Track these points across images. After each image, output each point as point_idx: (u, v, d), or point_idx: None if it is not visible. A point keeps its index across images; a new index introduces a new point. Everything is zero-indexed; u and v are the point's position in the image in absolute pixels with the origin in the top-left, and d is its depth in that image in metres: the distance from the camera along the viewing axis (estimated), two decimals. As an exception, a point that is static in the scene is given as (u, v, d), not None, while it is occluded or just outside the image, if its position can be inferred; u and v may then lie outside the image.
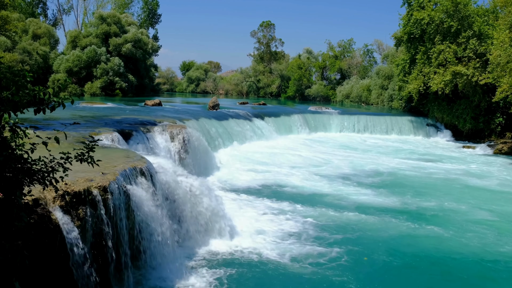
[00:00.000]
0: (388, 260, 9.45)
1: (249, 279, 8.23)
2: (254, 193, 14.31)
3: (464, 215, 12.81)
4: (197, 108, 32.14)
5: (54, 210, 5.91)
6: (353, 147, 26.70)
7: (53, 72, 45.99)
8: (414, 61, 33.25)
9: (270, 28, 74.86)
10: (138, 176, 8.28)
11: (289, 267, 8.75)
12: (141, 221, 7.76)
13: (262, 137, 25.78)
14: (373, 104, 51.28)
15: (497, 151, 26.51)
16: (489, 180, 18.27)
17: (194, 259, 8.94)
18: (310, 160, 20.77)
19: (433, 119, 34.11)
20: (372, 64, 62.15)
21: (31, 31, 49.45)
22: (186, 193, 9.75)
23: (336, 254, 9.47)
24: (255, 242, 9.93)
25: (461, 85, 29.08)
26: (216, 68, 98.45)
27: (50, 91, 4.35)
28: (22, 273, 4.33)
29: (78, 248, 6.02)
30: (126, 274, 7.20)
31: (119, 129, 14.01)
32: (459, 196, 15.23)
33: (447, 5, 29.30)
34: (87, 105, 27.33)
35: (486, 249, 10.27)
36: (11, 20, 36.71)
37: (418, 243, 10.43)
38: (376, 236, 10.79)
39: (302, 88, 65.81)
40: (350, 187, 15.74)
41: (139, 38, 49.78)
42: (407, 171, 19.40)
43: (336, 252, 9.56)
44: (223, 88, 79.50)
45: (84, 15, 65.46)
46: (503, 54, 23.86)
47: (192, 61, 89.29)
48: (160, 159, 11.06)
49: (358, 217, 12.20)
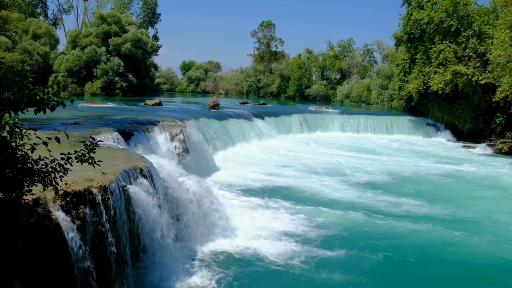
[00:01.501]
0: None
1: (249, 278, 8.23)
2: (254, 193, 14.30)
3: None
4: (197, 108, 32.16)
5: (55, 210, 5.92)
6: (351, 146, 26.69)
7: (53, 72, 45.99)
8: (414, 61, 33.24)
9: (270, 28, 74.89)
10: (138, 176, 8.28)
11: (290, 267, 8.75)
12: (142, 221, 7.76)
13: (262, 137, 25.78)
14: (373, 104, 51.28)
15: (497, 150, 26.51)
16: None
17: (194, 258, 8.95)
18: (309, 160, 20.77)
19: (433, 119, 34.10)
20: (372, 64, 62.20)
21: (31, 31, 49.45)
22: (186, 192, 9.75)
23: (335, 254, 9.49)
24: (256, 241, 9.92)
25: (461, 85, 29.07)
26: (216, 68, 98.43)
27: (49, 90, 4.35)
28: (23, 272, 4.33)
29: (78, 247, 6.02)
30: (127, 274, 7.20)
31: (119, 129, 14.01)
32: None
33: (446, 4, 29.28)
34: (87, 105, 27.32)
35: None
36: (11, 20, 36.72)
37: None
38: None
39: (302, 88, 65.81)
40: (336, 184, 15.78)
41: (139, 38, 49.78)
42: (421, 172, 19.31)
43: (334, 252, 9.58)
44: (223, 88, 79.49)
45: (85, 15, 65.56)
46: (503, 53, 23.85)
47: (192, 61, 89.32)
48: (160, 159, 11.07)
49: (348, 215, 12.23)
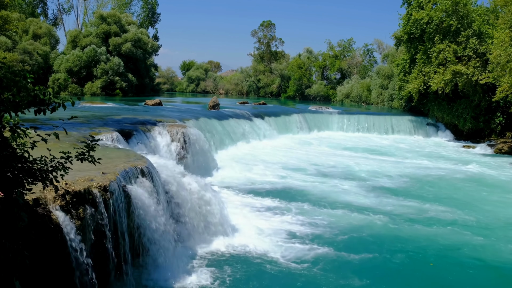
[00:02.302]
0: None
1: (250, 278, 8.23)
2: (254, 192, 14.30)
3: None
4: (197, 107, 32.16)
5: (55, 209, 5.92)
6: (351, 146, 26.68)
7: (54, 72, 46.01)
8: (414, 61, 33.23)
9: (270, 27, 74.90)
10: (138, 175, 8.28)
11: (291, 267, 8.74)
12: (142, 221, 7.76)
13: (262, 137, 25.79)
14: (373, 104, 51.26)
15: (497, 150, 26.51)
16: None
17: (195, 258, 8.95)
18: (308, 160, 20.77)
19: (433, 119, 34.08)
20: (372, 64, 62.19)
21: (31, 31, 49.44)
22: (187, 192, 9.75)
23: (335, 254, 9.50)
24: (256, 241, 9.91)
25: (461, 85, 29.06)
26: (216, 67, 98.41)
27: (50, 91, 4.35)
28: (23, 272, 4.33)
29: (78, 247, 6.02)
30: (127, 273, 7.21)
31: (119, 129, 14.01)
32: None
33: (446, 4, 29.29)
34: (87, 104, 27.33)
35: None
36: (11, 20, 36.73)
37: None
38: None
39: (302, 87, 65.81)
40: (334, 182, 15.79)
41: (139, 38, 49.76)
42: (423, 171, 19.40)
43: (332, 251, 9.59)
44: (223, 88, 79.48)
45: (85, 15, 65.57)
46: (503, 53, 23.85)
47: (192, 61, 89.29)
48: (161, 158, 11.08)
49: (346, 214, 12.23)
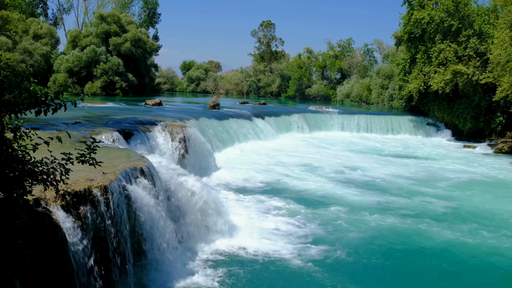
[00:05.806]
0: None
1: (250, 278, 8.24)
2: (255, 192, 14.31)
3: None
4: (198, 107, 32.17)
5: (55, 209, 5.93)
6: (351, 146, 26.69)
7: (54, 72, 46.01)
8: (414, 61, 33.23)
9: (270, 27, 74.94)
10: (138, 175, 8.29)
11: (291, 266, 8.76)
12: (142, 221, 7.77)
13: (262, 137, 25.79)
14: (373, 104, 51.27)
15: (497, 150, 26.51)
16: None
17: (195, 258, 8.96)
18: (308, 160, 20.78)
19: (433, 119, 34.09)
20: (373, 64, 62.19)
21: (32, 31, 49.44)
22: (187, 192, 9.76)
23: (333, 254, 9.51)
24: (256, 240, 9.93)
25: (461, 84, 29.07)
26: (217, 67, 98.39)
27: (51, 94, 4.36)
28: (23, 272, 4.35)
29: (78, 247, 6.03)
30: (127, 273, 7.22)
31: (119, 129, 14.01)
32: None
33: (447, 4, 29.29)
34: (87, 104, 27.34)
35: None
36: (12, 20, 36.70)
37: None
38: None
39: (303, 87, 65.82)
40: (339, 186, 15.80)
41: (139, 38, 49.74)
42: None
43: (332, 251, 9.60)
44: (224, 88, 79.50)
45: (85, 15, 65.54)
46: (503, 53, 23.84)
47: (193, 61, 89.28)
48: (161, 158, 11.09)
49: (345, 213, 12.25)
